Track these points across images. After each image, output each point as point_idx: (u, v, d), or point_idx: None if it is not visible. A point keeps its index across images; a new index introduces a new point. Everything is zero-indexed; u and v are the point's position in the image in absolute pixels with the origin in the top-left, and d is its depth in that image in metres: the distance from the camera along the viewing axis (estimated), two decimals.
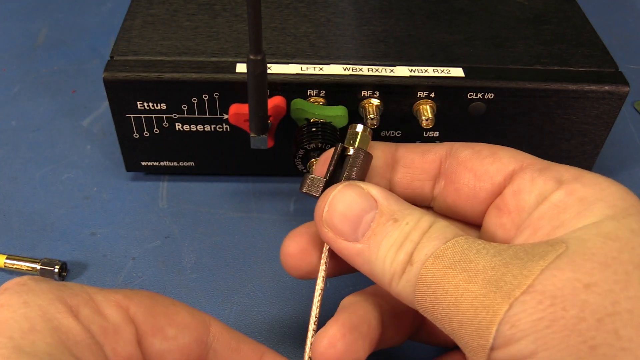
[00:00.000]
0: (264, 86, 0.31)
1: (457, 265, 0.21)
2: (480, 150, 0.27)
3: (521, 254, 0.21)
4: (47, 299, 0.21)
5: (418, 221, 0.23)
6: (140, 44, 0.37)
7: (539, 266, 0.20)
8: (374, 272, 0.23)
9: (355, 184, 0.25)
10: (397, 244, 0.23)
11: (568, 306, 0.19)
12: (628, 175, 0.43)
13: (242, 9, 0.41)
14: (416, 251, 0.22)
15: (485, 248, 0.21)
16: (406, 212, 0.23)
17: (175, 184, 0.41)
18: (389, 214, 0.23)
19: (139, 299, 0.23)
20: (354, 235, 0.24)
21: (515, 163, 0.26)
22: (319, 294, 0.26)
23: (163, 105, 0.36)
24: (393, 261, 0.22)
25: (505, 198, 0.26)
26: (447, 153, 0.28)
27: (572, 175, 0.24)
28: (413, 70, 0.36)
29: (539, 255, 0.20)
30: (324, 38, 0.39)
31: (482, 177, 0.26)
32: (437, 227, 0.23)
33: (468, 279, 0.21)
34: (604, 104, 0.37)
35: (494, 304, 0.20)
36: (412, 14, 0.41)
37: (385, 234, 0.23)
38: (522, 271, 0.20)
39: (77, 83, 0.49)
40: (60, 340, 0.20)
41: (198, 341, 0.24)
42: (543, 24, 0.41)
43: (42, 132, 0.45)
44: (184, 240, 0.38)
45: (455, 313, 0.21)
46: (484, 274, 0.20)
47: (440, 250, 0.22)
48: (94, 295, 0.22)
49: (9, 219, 0.39)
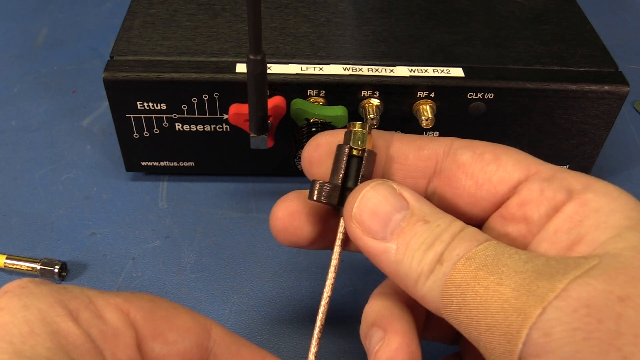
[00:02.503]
0: (264, 86, 0.31)
1: (489, 267, 0.21)
2: (482, 153, 0.26)
3: (553, 262, 0.20)
4: (47, 302, 0.21)
5: (450, 224, 0.23)
6: (140, 44, 0.37)
7: (573, 274, 0.19)
8: (399, 272, 0.23)
9: (388, 182, 0.24)
10: (427, 243, 0.22)
11: (604, 318, 0.18)
12: (628, 175, 0.43)
13: (242, 9, 0.41)
14: (447, 251, 0.22)
15: (517, 253, 0.21)
16: (438, 216, 0.23)
17: (175, 184, 0.41)
18: (420, 216, 0.23)
19: (140, 302, 0.23)
20: (383, 232, 0.23)
21: (520, 172, 0.25)
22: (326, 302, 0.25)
23: (163, 105, 0.36)
24: (421, 260, 0.22)
25: (510, 208, 0.25)
26: (444, 152, 0.27)
27: (581, 184, 0.23)
28: (413, 70, 0.36)
29: (573, 265, 0.20)
30: (324, 38, 0.39)
31: (484, 185, 0.26)
32: (469, 231, 0.22)
33: (500, 281, 0.20)
34: (604, 104, 0.37)
35: (526, 307, 0.19)
36: (412, 14, 0.41)
37: (415, 233, 0.23)
38: (556, 276, 0.19)
39: (77, 83, 0.49)
40: (60, 344, 0.20)
41: (199, 346, 0.24)
42: (543, 24, 0.41)
43: (42, 132, 0.45)
44: (184, 240, 0.38)
45: (484, 316, 0.20)
46: (517, 276, 0.20)
47: (472, 252, 0.21)
48: (94, 298, 0.22)
49: (9, 219, 0.39)
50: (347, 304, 0.35)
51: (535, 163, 0.25)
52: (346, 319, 0.34)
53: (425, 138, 0.28)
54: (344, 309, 0.35)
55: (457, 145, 0.27)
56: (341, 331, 0.33)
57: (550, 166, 0.25)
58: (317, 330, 0.25)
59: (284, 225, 0.27)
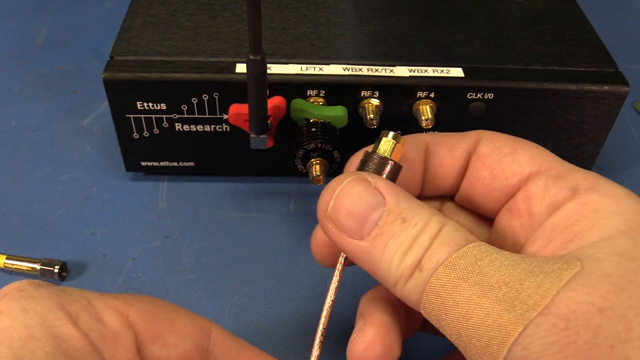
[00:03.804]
0: (263, 86, 0.31)
1: (470, 277, 0.20)
2: (501, 146, 0.26)
3: (536, 269, 0.20)
4: (47, 306, 0.21)
5: (427, 223, 0.22)
6: (140, 44, 0.37)
7: (555, 286, 0.19)
8: (378, 272, 0.23)
9: (363, 176, 0.24)
10: (405, 246, 0.22)
11: (582, 331, 0.19)
12: (628, 176, 0.43)
13: (242, 9, 0.41)
14: (426, 257, 0.21)
15: (498, 259, 0.21)
16: (415, 212, 0.22)
17: (175, 184, 0.41)
18: (397, 213, 0.22)
19: (139, 305, 0.23)
20: (360, 232, 0.23)
21: (532, 166, 0.25)
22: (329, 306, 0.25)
23: (163, 105, 0.36)
24: (400, 264, 0.22)
25: (517, 201, 0.25)
26: (473, 146, 0.27)
27: (589, 184, 0.23)
28: (413, 70, 0.36)
29: (555, 273, 0.20)
30: (323, 38, 0.39)
31: (498, 176, 0.26)
32: (448, 231, 0.22)
33: (481, 293, 0.20)
34: (604, 104, 0.37)
35: (508, 324, 0.19)
36: (412, 14, 0.41)
37: (393, 235, 0.22)
38: (538, 291, 0.19)
39: (77, 83, 0.49)
40: (59, 348, 0.20)
41: (199, 348, 0.24)
42: (543, 24, 0.41)
43: (42, 132, 0.45)
44: (184, 240, 0.38)
45: (465, 327, 0.20)
46: (498, 290, 0.20)
47: (452, 259, 0.21)
48: (93, 301, 0.22)
49: (9, 219, 0.39)
50: (349, 306, 0.35)
51: (550, 160, 0.25)
52: (348, 320, 0.34)
53: (455, 136, 0.28)
54: (343, 310, 0.35)
55: (483, 137, 0.27)
56: (341, 332, 0.33)
57: (566, 165, 0.25)
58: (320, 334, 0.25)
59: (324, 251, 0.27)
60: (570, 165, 0.25)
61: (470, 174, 0.27)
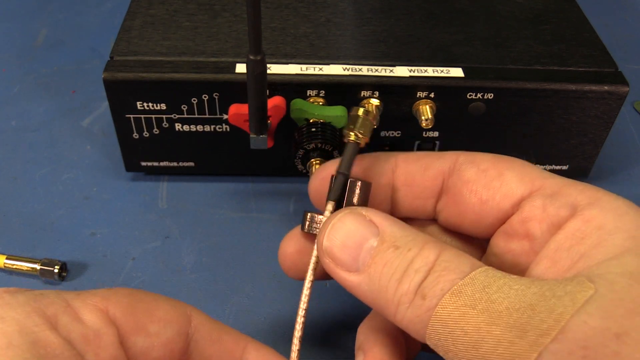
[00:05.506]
0: (263, 86, 0.31)
1: (478, 304, 0.20)
2: (486, 169, 0.25)
3: (547, 292, 0.19)
4: (24, 312, 0.20)
5: (422, 248, 0.22)
6: (140, 44, 0.37)
7: (569, 311, 0.19)
8: (377, 303, 0.22)
9: (357, 210, 0.24)
10: (399, 272, 0.21)
11: (600, 357, 0.18)
12: (628, 176, 0.43)
13: (242, 9, 0.41)
14: (429, 284, 0.21)
15: (507, 284, 0.20)
16: (409, 239, 0.22)
17: (175, 184, 0.41)
18: (391, 241, 0.22)
19: (117, 298, 0.23)
20: (355, 264, 0.23)
21: (523, 188, 0.24)
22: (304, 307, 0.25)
23: (163, 105, 0.36)
24: (396, 291, 0.21)
25: (513, 224, 0.25)
26: (450, 169, 0.26)
27: (587, 199, 0.23)
28: (413, 71, 0.36)
29: (568, 296, 0.19)
30: (323, 38, 0.39)
31: (488, 202, 0.25)
32: (449, 257, 0.21)
33: (490, 321, 0.19)
34: (604, 104, 0.37)
35: (521, 351, 0.18)
36: (412, 14, 0.41)
37: (386, 262, 0.22)
38: (551, 315, 0.19)
39: (77, 83, 0.49)
40: (39, 354, 0.19)
41: (181, 334, 0.24)
42: (542, 24, 0.41)
43: (42, 132, 0.45)
44: (184, 240, 0.38)
45: (475, 357, 0.20)
46: (508, 316, 0.19)
47: (458, 286, 0.20)
48: (71, 301, 0.22)
49: (9, 219, 0.39)
50: (349, 311, 0.35)
51: (541, 177, 0.25)
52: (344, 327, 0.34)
53: (430, 156, 0.27)
54: (338, 315, 0.35)
55: (462, 160, 0.26)
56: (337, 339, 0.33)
57: (557, 180, 0.24)
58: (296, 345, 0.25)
59: (291, 263, 0.27)
60: (560, 179, 0.24)
61: (455, 201, 0.26)
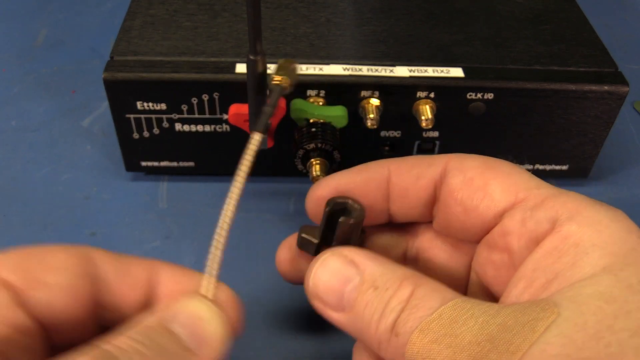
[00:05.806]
0: (264, 86, 0.31)
1: (443, 340, 0.20)
2: (472, 178, 0.25)
3: (510, 322, 0.20)
4: None
5: (398, 287, 0.22)
6: (140, 44, 0.37)
7: (527, 341, 0.19)
8: (363, 339, 0.23)
9: (339, 252, 0.24)
10: (378, 312, 0.22)
11: None
12: (628, 175, 0.43)
13: (242, 9, 0.41)
14: (400, 322, 0.22)
15: (473, 316, 0.21)
16: (387, 277, 0.23)
17: (175, 184, 0.41)
18: (370, 282, 0.23)
19: (5, 260, 0.22)
20: (340, 304, 0.24)
21: (506, 199, 0.24)
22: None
23: (163, 105, 0.36)
24: (377, 330, 0.22)
25: (494, 236, 0.25)
26: (440, 175, 0.26)
27: (568, 212, 0.22)
28: (413, 71, 0.36)
29: (529, 325, 0.19)
30: (323, 38, 0.39)
31: (472, 213, 0.25)
32: (421, 295, 0.22)
33: (453, 355, 0.20)
34: (604, 104, 0.37)
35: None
36: (412, 14, 0.41)
37: (366, 304, 0.23)
38: (509, 348, 0.19)
39: (77, 83, 0.49)
40: None
41: (82, 276, 0.23)
42: (542, 24, 0.41)
43: (42, 132, 0.45)
44: (184, 240, 0.38)
45: None
46: (469, 350, 0.20)
47: (425, 323, 0.21)
48: None
49: (9, 219, 0.39)
50: None
51: (526, 188, 0.24)
52: None
53: (421, 164, 0.27)
54: None
55: (451, 166, 0.26)
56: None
57: (543, 191, 0.24)
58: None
59: (286, 269, 0.29)
60: (547, 189, 0.24)
61: (443, 208, 0.26)
